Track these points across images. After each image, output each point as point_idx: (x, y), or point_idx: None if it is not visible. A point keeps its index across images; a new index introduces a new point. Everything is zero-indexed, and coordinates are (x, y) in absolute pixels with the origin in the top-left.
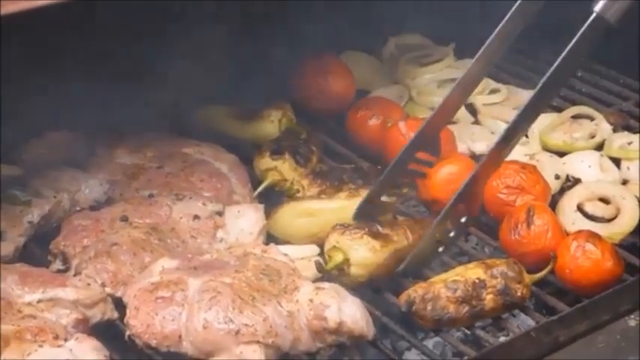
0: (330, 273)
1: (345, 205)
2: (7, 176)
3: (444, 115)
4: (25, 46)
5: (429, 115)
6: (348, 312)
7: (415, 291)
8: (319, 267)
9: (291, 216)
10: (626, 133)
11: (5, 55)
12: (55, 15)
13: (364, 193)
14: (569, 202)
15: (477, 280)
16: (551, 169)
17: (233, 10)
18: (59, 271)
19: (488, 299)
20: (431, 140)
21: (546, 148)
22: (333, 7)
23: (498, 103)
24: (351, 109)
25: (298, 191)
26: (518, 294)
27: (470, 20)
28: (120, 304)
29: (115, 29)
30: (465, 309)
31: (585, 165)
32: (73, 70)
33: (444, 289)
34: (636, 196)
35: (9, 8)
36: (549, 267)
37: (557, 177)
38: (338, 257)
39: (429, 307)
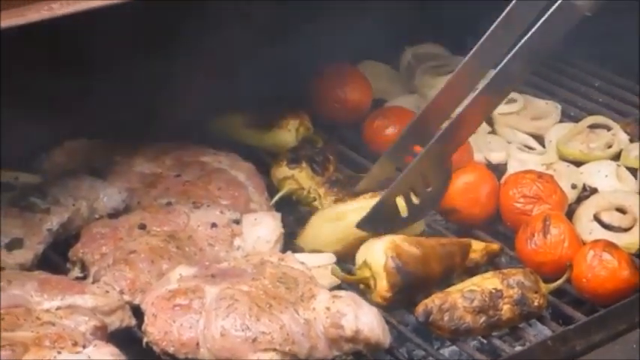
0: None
1: (368, 204)
2: (26, 184)
3: (440, 108)
4: (44, 55)
5: (424, 107)
6: (365, 320)
7: (432, 301)
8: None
9: (319, 225)
10: None
11: (24, 65)
12: (73, 25)
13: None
14: (585, 211)
15: (493, 290)
16: (567, 178)
17: (251, 20)
18: (78, 278)
19: (505, 309)
20: (427, 134)
21: (563, 158)
22: (351, 16)
23: (515, 113)
24: (368, 118)
25: (315, 200)
26: (535, 304)
27: (486, 30)
28: (138, 312)
29: (133, 39)
30: (482, 319)
31: (602, 175)
32: (91, 79)
33: (460, 299)
34: None
35: (30, 17)
36: (565, 276)
37: (573, 186)
38: (364, 272)
39: (446, 318)
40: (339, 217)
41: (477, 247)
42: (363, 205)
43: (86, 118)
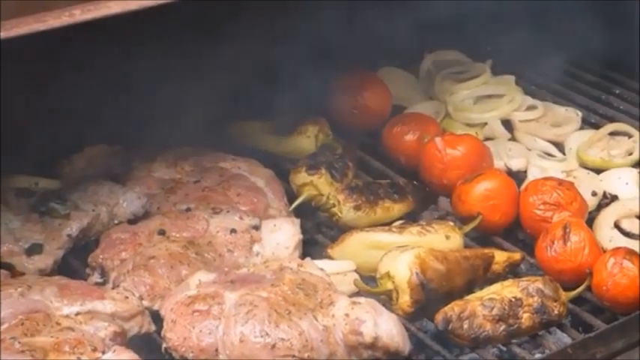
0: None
1: (415, 240)
2: (46, 190)
3: None
4: (63, 61)
5: None
6: (384, 327)
7: (452, 309)
8: (359, 285)
9: (360, 247)
10: None
11: (44, 71)
12: (93, 32)
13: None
14: (606, 218)
15: (513, 299)
16: (588, 185)
17: (269, 26)
18: (97, 283)
19: (525, 318)
20: None
21: (583, 165)
22: (370, 23)
23: (535, 120)
24: (388, 124)
25: (334, 206)
26: (555, 312)
27: (506, 37)
28: (157, 317)
29: (152, 46)
30: (502, 327)
31: (622, 182)
32: (111, 86)
33: (480, 307)
34: None
35: (51, 23)
36: (585, 284)
37: (594, 194)
38: (387, 284)
39: (465, 326)
40: (379, 246)
41: (500, 259)
42: (409, 240)
43: (105, 124)
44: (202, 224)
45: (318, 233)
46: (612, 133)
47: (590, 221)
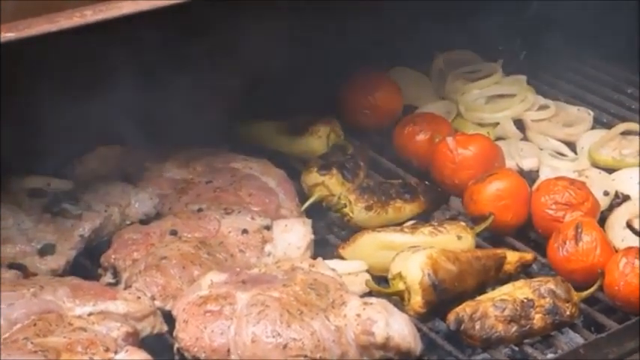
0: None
1: (427, 240)
2: (59, 190)
3: None
4: (75, 62)
5: None
6: (396, 327)
7: (464, 310)
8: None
9: (371, 247)
10: None
11: (56, 72)
12: (103, 33)
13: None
14: (618, 218)
15: (525, 300)
16: (600, 185)
17: (281, 27)
18: (109, 284)
19: (537, 319)
20: None
21: (595, 165)
22: (382, 23)
23: (547, 120)
24: (399, 124)
25: (345, 206)
26: (567, 313)
27: (518, 36)
28: (169, 318)
29: (164, 45)
30: (514, 328)
31: (634, 181)
32: (123, 86)
33: (492, 308)
34: None
35: (62, 24)
36: (597, 284)
37: (606, 193)
38: (399, 285)
39: (477, 326)
40: (390, 246)
41: (512, 259)
42: (421, 241)
43: (117, 124)
44: (214, 224)
45: (330, 233)
46: (624, 133)
47: (602, 221)
